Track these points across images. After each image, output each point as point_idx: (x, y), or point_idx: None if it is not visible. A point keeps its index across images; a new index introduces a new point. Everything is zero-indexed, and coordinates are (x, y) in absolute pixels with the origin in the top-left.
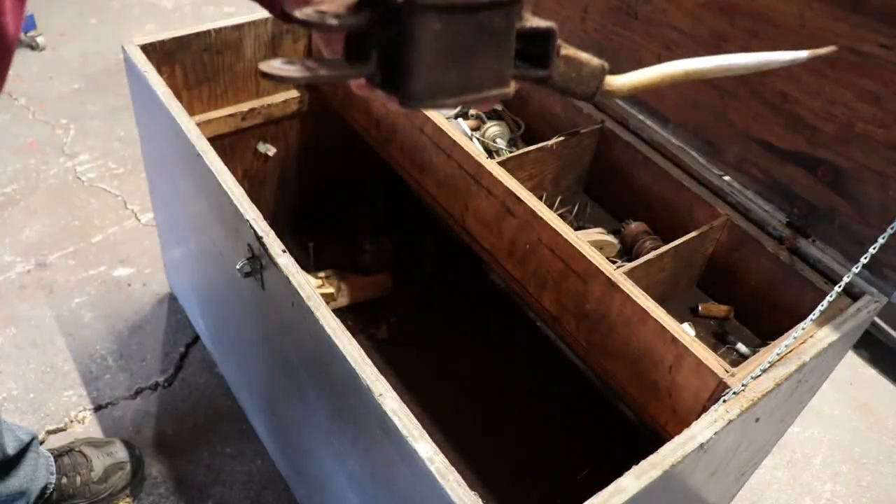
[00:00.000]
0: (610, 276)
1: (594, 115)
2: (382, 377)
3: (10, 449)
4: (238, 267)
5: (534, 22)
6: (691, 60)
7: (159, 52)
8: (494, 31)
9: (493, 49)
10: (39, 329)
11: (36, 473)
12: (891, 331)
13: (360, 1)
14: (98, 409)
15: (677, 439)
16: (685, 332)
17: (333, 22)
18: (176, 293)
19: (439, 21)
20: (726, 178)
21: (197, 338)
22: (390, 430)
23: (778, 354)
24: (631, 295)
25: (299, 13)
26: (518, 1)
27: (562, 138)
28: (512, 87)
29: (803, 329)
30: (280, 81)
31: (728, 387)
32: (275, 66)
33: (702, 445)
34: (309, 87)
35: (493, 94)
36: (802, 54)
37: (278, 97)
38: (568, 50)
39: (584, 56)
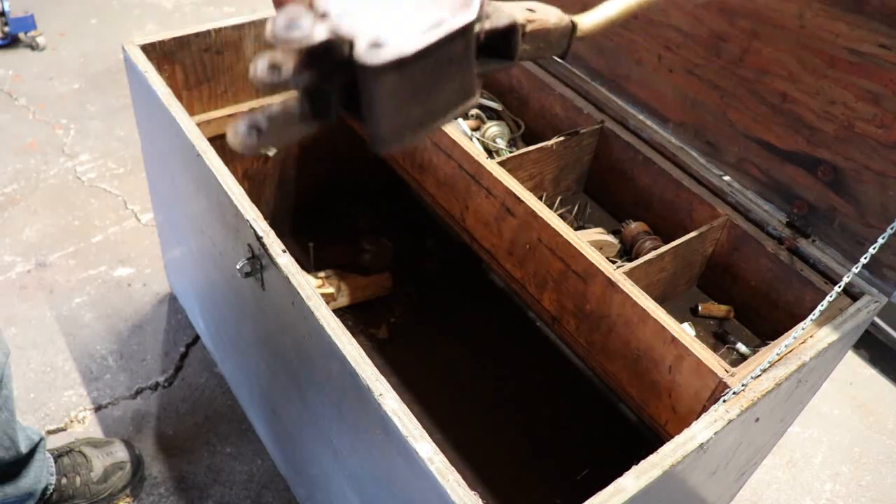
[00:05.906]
0: (610, 276)
1: (594, 115)
2: (382, 377)
3: (23, 447)
4: (238, 267)
5: (493, 19)
6: None
7: (159, 52)
8: (455, 58)
9: (455, 73)
10: (39, 329)
11: (42, 474)
12: (891, 331)
13: (312, 50)
14: (98, 409)
15: (677, 439)
16: (685, 332)
17: (281, 80)
18: (176, 293)
19: (395, 74)
20: (726, 178)
21: (197, 338)
22: (390, 430)
23: (778, 354)
24: (631, 295)
25: (252, 70)
26: (474, 25)
27: (562, 138)
28: (478, 95)
29: (803, 329)
30: (248, 154)
31: (728, 387)
32: (241, 139)
33: (702, 445)
34: None
35: (459, 109)
36: None
37: (278, 97)
38: (534, 23)
39: (552, 20)
